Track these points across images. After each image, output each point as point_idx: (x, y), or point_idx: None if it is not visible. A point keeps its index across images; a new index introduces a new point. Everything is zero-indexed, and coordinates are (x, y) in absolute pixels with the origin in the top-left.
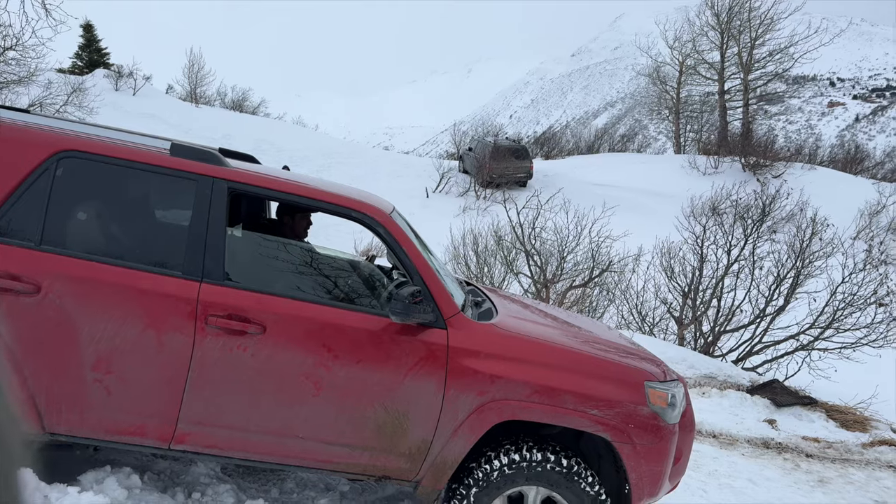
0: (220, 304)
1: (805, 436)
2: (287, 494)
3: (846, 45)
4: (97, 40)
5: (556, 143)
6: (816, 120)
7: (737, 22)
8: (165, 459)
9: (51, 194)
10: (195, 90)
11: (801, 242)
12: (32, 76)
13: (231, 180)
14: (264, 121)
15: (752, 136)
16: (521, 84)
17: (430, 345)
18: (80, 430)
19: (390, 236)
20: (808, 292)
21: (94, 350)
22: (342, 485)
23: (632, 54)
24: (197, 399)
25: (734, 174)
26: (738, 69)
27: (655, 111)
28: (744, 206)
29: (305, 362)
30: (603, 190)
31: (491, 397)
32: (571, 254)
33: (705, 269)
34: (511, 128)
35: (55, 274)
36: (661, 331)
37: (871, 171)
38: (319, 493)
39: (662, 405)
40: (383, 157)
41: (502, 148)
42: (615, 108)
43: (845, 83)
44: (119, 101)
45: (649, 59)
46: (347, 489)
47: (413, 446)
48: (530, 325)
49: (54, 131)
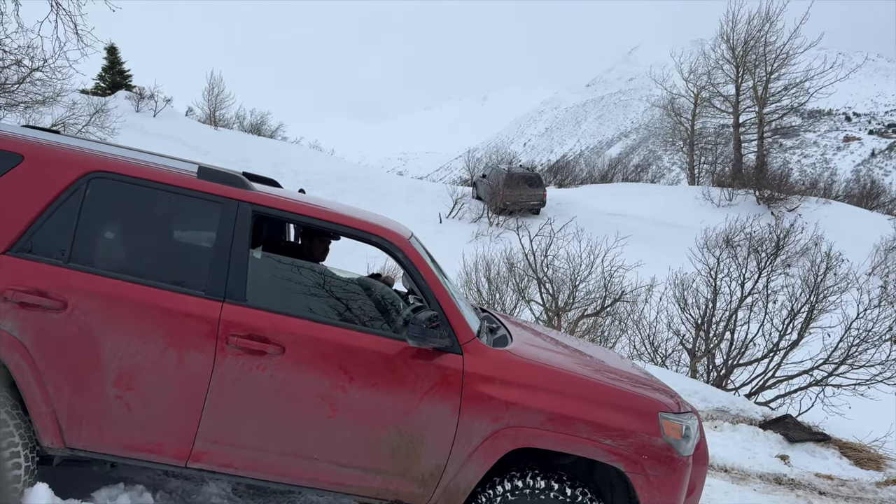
0: (241, 324)
1: (818, 473)
2: None
3: (862, 81)
4: (120, 62)
5: (569, 171)
6: (832, 154)
7: (752, 56)
8: (178, 478)
9: (80, 214)
10: (214, 113)
11: (815, 277)
12: (57, 97)
13: (255, 203)
14: (282, 144)
15: (766, 169)
16: (536, 113)
17: (445, 370)
18: (99, 446)
19: (408, 261)
20: (822, 327)
21: (117, 367)
22: None
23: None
24: (215, 418)
25: (748, 207)
26: (753, 102)
27: (670, 142)
28: (758, 239)
29: (322, 384)
30: (616, 219)
31: (505, 424)
32: (584, 282)
33: (719, 302)
34: (525, 156)
35: (82, 291)
36: (673, 362)
37: (886, 206)
38: None
39: (677, 437)
40: (397, 182)
41: (516, 175)
42: (629, 139)
43: (861, 118)
44: (140, 122)
45: (664, 90)
46: None
47: (426, 471)
48: (545, 352)
49: (85, 152)
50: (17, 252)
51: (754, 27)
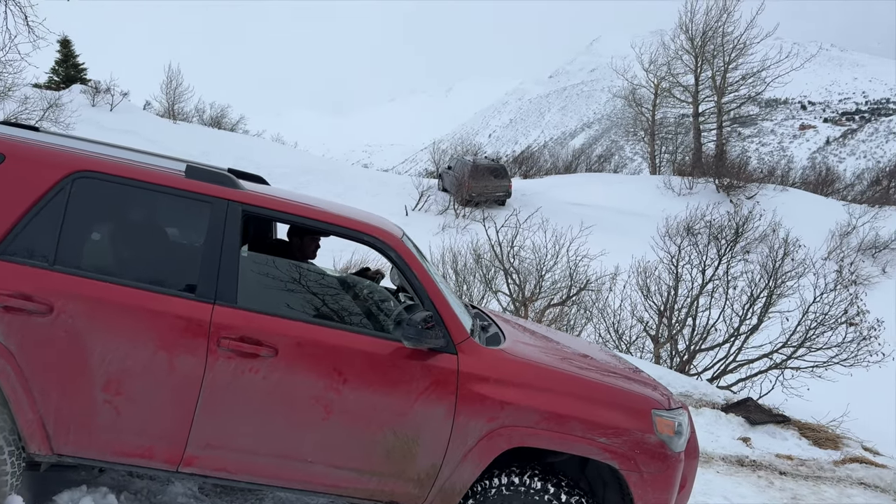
0: (232, 326)
1: (779, 453)
2: None
3: (817, 70)
4: (74, 56)
5: (534, 162)
6: (788, 142)
7: (710, 46)
8: (143, 479)
9: (65, 215)
10: (173, 106)
11: (773, 262)
12: (9, 91)
13: (245, 203)
14: (243, 138)
15: (725, 157)
16: (500, 104)
17: (440, 370)
18: (87, 452)
19: (402, 260)
20: (780, 312)
21: (105, 371)
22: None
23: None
24: (207, 422)
25: (708, 195)
26: (711, 92)
27: (631, 132)
28: (717, 227)
29: (316, 386)
30: (580, 209)
31: (500, 423)
32: (549, 272)
33: (680, 289)
34: (490, 147)
35: (68, 294)
36: (637, 349)
37: (841, 192)
38: None
39: (669, 433)
40: (362, 175)
41: (481, 167)
42: (592, 129)
43: (816, 107)
44: (96, 116)
45: (625, 81)
46: None
47: (422, 471)
48: (538, 350)
49: (70, 151)
50: (0, 255)
51: (712, 18)
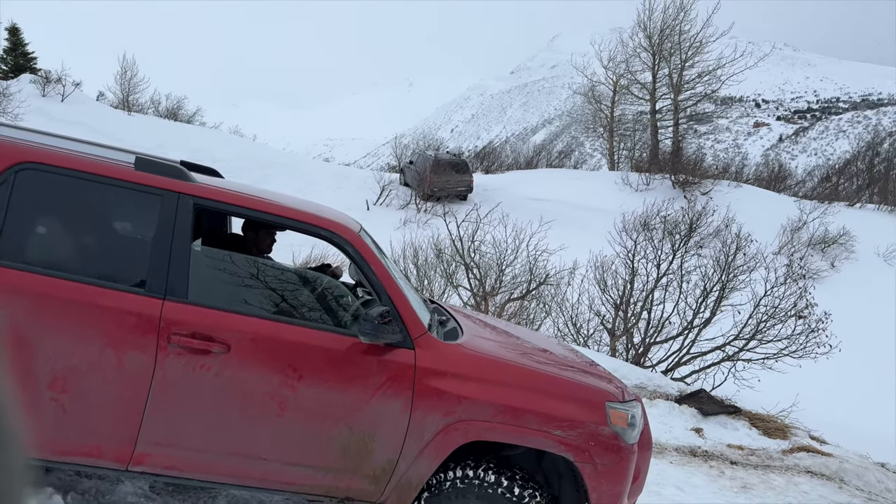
0: (183, 322)
1: (730, 443)
2: None
3: (770, 69)
4: (24, 44)
5: (495, 157)
6: (743, 139)
7: (668, 44)
8: (90, 479)
9: (8, 207)
10: (128, 98)
11: (726, 257)
12: None
13: (197, 196)
14: (200, 130)
15: (681, 154)
16: (462, 99)
17: (397, 365)
18: (31, 451)
19: (359, 255)
20: (732, 305)
21: (51, 368)
22: (276, 502)
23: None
24: (158, 419)
25: (665, 191)
26: (668, 90)
27: (591, 129)
28: (672, 222)
29: (270, 382)
30: (540, 204)
31: (457, 418)
32: (510, 267)
33: (636, 283)
34: (452, 142)
35: (12, 289)
36: (594, 342)
37: (793, 188)
38: None
39: (623, 425)
40: (323, 169)
41: (443, 162)
42: (553, 125)
43: (770, 105)
44: (46, 107)
45: (585, 78)
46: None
47: (378, 467)
48: (495, 345)
49: (13, 142)
50: None
51: (670, 16)
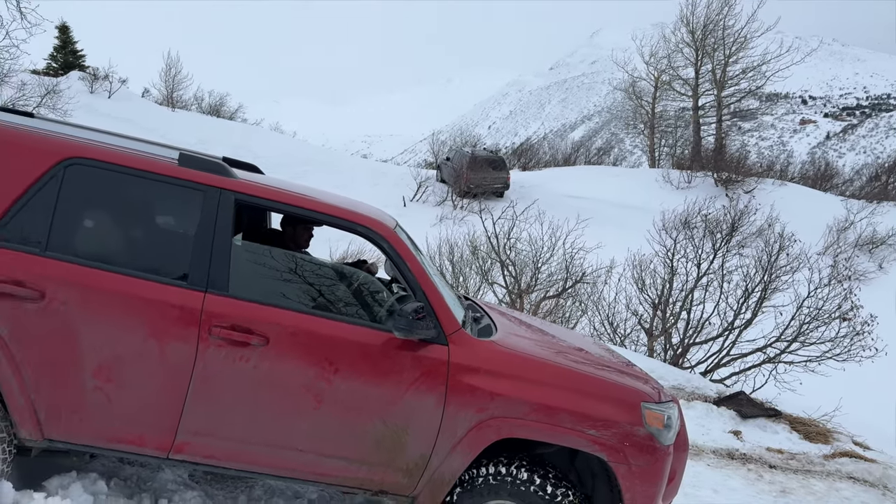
0: (224, 314)
1: (769, 447)
2: (255, 502)
3: (818, 65)
4: (73, 42)
5: (533, 154)
6: (788, 137)
7: (711, 39)
8: (133, 465)
9: (57, 201)
10: (172, 94)
11: (768, 257)
12: (5, 77)
13: (238, 191)
14: (241, 126)
15: (724, 151)
16: (500, 95)
17: (431, 361)
18: (78, 438)
19: (394, 251)
20: (774, 306)
21: (96, 358)
22: (310, 493)
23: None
24: (198, 409)
25: (707, 189)
26: (711, 86)
27: (631, 125)
28: (713, 221)
29: (307, 375)
30: (578, 202)
31: (490, 415)
32: (546, 264)
33: (675, 282)
34: (489, 138)
35: (60, 280)
36: (631, 342)
37: (840, 188)
38: (287, 501)
39: (658, 426)
40: (361, 165)
41: (480, 158)
42: (592, 122)
43: (817, 101)
44: (94, 103)
45: (625, 74)
46: (315, 497)
47: (411, 461)
48: (529, 342)
49: (62, 138)
50: None
51: (713, 11)
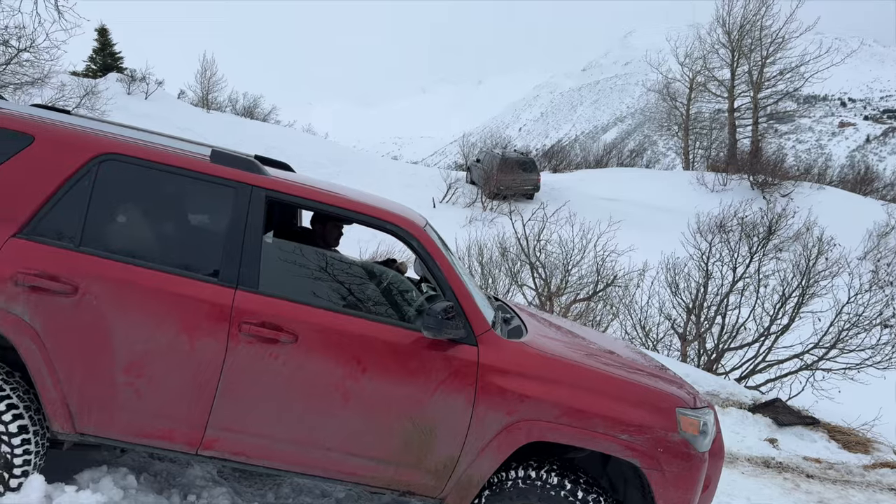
0: (253, 311)
1: (806, 456)
2: (283, 499)
3: (858, 66)
4: (111, 44)
5: (564, 156)
6: (827, 140)
7: (748, 40)
8: (162, 461)
9: (91, 197)
10: (207, 96)
11: (806, 261)
12: (46, 78)
13: (269, 188)
14: (274, 128)
15: (761, 154)
16: (531, 97)
17: (460, 361)
18: (108, 432)
19: (424, 250)
20: (812, 312)
21: (128, 352)
22: (338, 491)
23: (642, 70)
24: (227, 405)
25: (742, 192)
26: (748, 87)
27: (665, 127)
28: (750, 224)
29: (335, 373)
30: (610, 204)
31: (520, 417)
32: (576, 267)
33: (710, 286)
34: (520, 140)
35: (93, 275)
36: (664, 347)
37: (880, 192)
38: (315, 499)
39: (694, 432)
40: (392, 167)
41: (510, 160)
42: (625, 124)
43: (856, 104)
44: (131, 104)
45: (660, 75)
46: (343, 496)
47: (439, 463)
48: (560, 344)
49: (96, 134)
50: (27, 235)
51: (750, 11)
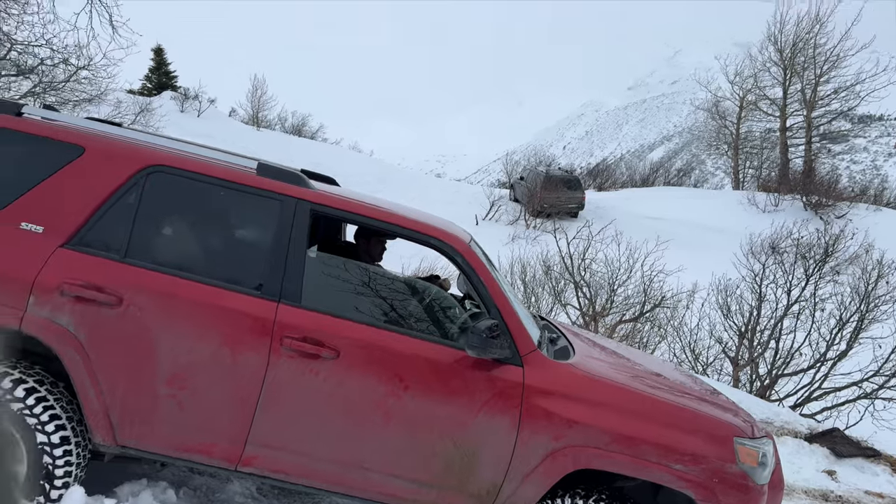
0: (296, 325)
1: (868, 490)
2: None
3: None
4: (167, 63)
5: (609, 174)
6: (882, 161)
7: (801, 58)
8: (202, 476)
9: (138, 208)
10: (257, 114)
11: (866, 285)
12: (103, 95)
13: (314, 202)
14: (321, 146)
15: (814, 174)
16: (576, 115)
17: (504, 382)
18: (149, 445)
19: (469, 266)
20: (872, 338)
21: (170, 365)
22: None
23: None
24: (267, 421)
25: (795, 212)
26: (800, 106)
27: (714, 146)
28: (805, 245)
29: (377, 391)
30: (657, 223)
31: (567, 443)
32: (622, 287)
33: (763, 309)
34: (564, 159)
35: (137, 287)
36: (714, 371)
37: None
38: None
39: (752, 464)
40: (435, 184)
41: (554, 178)
42: (672, 142)
43: None
44: (183, 122)
45: (709, 93)
46: None
47: (482, 488)
48: (609, 367)
49: (144, 146)
50: (74, 245)
51: (803, 29)
